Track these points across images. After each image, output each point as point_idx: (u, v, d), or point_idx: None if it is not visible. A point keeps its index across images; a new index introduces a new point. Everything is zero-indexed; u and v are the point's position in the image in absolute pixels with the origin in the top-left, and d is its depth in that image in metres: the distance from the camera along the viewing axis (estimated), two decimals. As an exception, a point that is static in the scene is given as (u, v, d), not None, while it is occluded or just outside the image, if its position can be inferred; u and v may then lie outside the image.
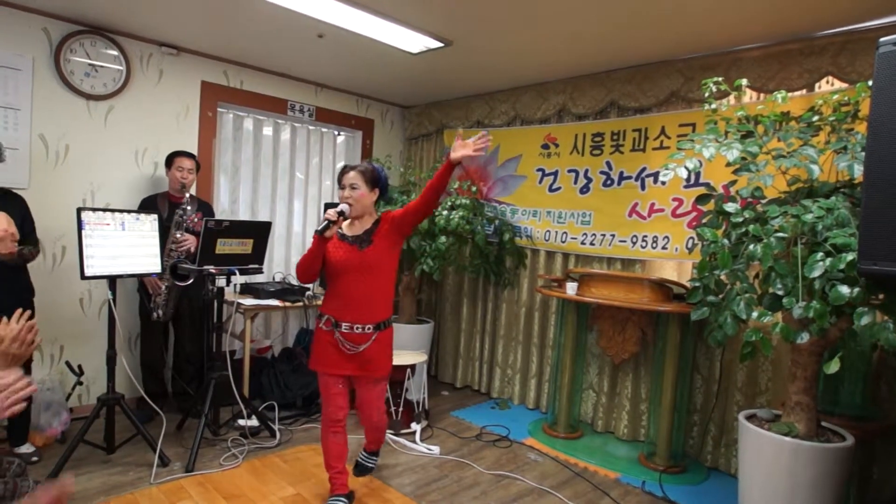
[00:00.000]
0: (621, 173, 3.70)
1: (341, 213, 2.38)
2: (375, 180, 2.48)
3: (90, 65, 3.44)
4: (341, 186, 2.45)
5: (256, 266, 3.25)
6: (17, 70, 3.19)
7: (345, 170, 2.47)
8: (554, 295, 3.65)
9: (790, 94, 2.61)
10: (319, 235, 2.31)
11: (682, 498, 2.90)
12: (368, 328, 2.42)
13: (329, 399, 2.52)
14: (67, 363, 3.31)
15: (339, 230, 2.49)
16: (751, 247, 2.13)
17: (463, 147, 2.25)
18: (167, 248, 3.26)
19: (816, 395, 2.35)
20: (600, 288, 3.41)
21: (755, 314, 2.10)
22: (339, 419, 2.54)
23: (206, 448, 3.10)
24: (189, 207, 3.35)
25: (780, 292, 2.04)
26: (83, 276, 2.71)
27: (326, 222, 2.31)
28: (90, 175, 3.52)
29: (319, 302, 3.94)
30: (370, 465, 2.78)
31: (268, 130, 4.45)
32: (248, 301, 3.64)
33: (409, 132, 5.23)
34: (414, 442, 3.41)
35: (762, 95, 3.07)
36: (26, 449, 2.92)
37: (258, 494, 2.71)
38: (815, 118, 2.37)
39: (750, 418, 2.50)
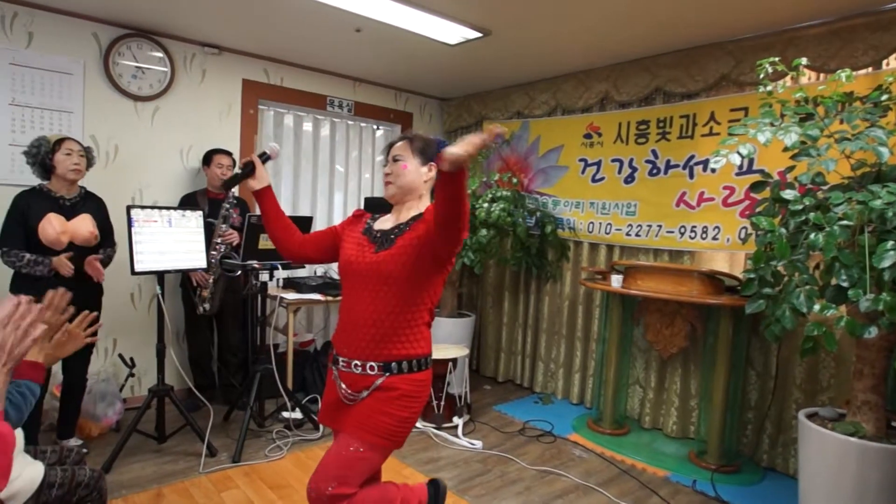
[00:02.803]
0: (668, 162, 3.57)
1: (264, 157, 1.82)
2: (431, 153, 1.71)
3: (137, 67, 3.55)
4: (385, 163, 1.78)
5: (298, 261, 3.29)
6: (69, 74, 3.32)
7: (391, 143, 1.78)
8: (598, 288, 3.56)
9: (854, 73, 2.44)
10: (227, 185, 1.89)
11: (737, 499, 2.78)
12: (373, 368, 1.61)
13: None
14: (120, 356, 3.47)
15: (369, 221, 1.79)
16: (811, 236, 2.01)
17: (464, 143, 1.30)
18: (213, 242, 3.34)
19: (885, 393, 2.21)
20: (647, 280, 3.30)
21: (817, 307, 1.99)
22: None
23: (251, 439, 3.16)
24: (234, 202, 3.48)
25: (844, 284, 1.92)
26: (133, 272, 2.79)
27: (244, 166, 1.80)
28: (138, 174, 3.63)
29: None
30: None
31: (307, 126, 4.50)
32: (291, 295, 3.69)
33: (447, 125, 5.19)
34: (456, 436, 3.39)
35: (821, 76, 2.89)
36: (74, 442, 2.93)
37: (302, 485, 2.69)
38: (884, 97, 2.21)
39: (811, 417, 2.37)
